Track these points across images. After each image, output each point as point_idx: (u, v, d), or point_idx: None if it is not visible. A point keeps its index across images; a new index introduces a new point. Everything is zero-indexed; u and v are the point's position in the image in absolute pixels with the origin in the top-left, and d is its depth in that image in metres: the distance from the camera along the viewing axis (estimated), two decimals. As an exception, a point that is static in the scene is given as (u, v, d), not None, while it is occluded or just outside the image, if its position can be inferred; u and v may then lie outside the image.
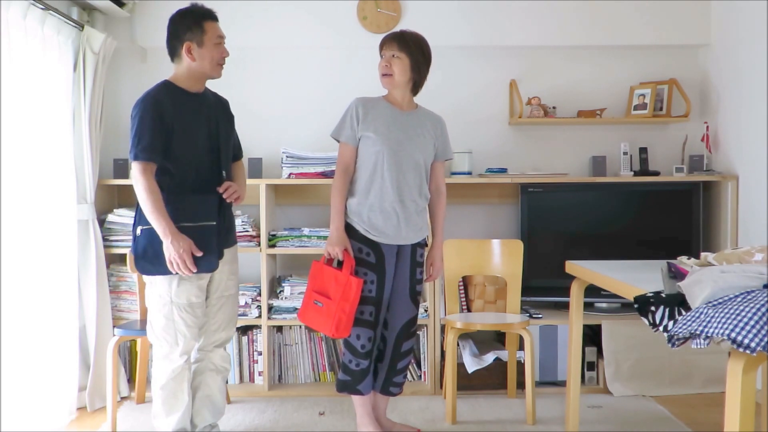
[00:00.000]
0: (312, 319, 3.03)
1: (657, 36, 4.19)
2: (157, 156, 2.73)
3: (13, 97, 3.01)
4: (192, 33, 2.78)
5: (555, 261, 3.66)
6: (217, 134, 2.91)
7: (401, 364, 3.12)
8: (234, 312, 3.08)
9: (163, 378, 2.85)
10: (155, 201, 2.69)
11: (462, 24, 4.15)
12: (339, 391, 3.09)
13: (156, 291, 2.82)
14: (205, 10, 2.85)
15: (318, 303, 2.98)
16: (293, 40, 4.15)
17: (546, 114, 4.13)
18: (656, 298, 1.95)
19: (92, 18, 3.91)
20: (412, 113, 3.10)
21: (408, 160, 3.02)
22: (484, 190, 4.27)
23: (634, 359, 3.83)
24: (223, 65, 2.88)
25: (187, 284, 2.81)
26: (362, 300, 2.95)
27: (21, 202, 3.08)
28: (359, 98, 3.07)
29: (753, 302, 1.66)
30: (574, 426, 3.03)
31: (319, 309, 2.97)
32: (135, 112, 2.75)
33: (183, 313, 2.82)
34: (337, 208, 3.00)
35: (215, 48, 2.81)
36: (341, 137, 3.05)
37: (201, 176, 2.84)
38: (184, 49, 2.78)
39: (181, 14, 2.82)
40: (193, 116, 2.83)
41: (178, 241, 2.68)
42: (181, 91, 2.82)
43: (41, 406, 3.19)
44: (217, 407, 3.05)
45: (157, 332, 2.85)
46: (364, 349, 3.00)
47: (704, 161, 4.13)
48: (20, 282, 3.05)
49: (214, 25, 2.83)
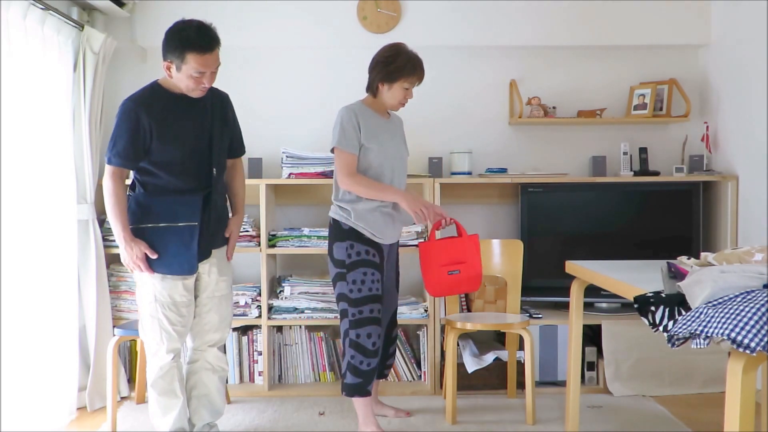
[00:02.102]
0: (453, 288, 3.29)
1: (657, 36, 4.19)
2: (129, 162, 2.77)
3: (13, 97, 3.01)
4: (173, 56, 2.68)
5: (555, 261, 3.66)
6: (209, 135, 2.86)
7: (392, 349, 3.41)
8: (228, 313, 3.06)
9: (153, 375, 2.88)
10: (116, 205, 2.76)
11: (462, 24, 4.15)
12: (349, 395, 3.13)
13: (143, 289, 2.86)
14: (196, 38, 2.65)
15: (455, 272, 3.23)
16: (293, 40, 4.15)
17: (546, 114, 4.13)
18: (656, 298, 1.95)
19: (92, 18, 3.91)
20: (391, 120, 3.29)
21: (400, 163, 3.25)
22: (484, 190, 4.27)
23: (634, 359, 3.83)
24: (203, 91, 2.77)
25: (170, 282, 2.82)
26: (370, 299, 3.09)
27: (21, 202, 3.08)
28: (350, 108, 3.15)
29: (753, 302, 1.66)
30: (574, 426, 3.03)
31: (457, 276, 3.24)
32: (117, 114, 2.76)
33: (167, 311, 2.83)
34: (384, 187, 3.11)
35: (191, 79, 2.70)
36: (347, 147, 3.09)
37: (186, 177, 2.83)
38: (164, 65, 2.73)
39: (173, 32, 2.70)
40: (177, 118, 2.79)
41: (131, 247, 2.75)
42: (167, 93, 2.79)
43: (41, 406, 3.19)
44: (214, 407, 3.05)
45: (145, 330, 2.88)
46: (374, 346, 3.09)
47: (704, 161, 4.13)
48: (20, 282, 3.05)
49: (199, 59, 2.66)
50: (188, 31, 2.67)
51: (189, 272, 2.84)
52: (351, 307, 3.08)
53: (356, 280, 3.08)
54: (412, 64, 3.11)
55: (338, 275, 3.13)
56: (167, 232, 2.78)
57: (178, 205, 2.80)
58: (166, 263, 2.79)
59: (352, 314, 3.08)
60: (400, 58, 3.10)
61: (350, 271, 3.09)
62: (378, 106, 3.20)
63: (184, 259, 2.80)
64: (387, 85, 3.13)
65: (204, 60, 2.68)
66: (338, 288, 3.14)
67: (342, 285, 3.11)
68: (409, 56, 3.12)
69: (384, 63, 3.11)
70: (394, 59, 3.10)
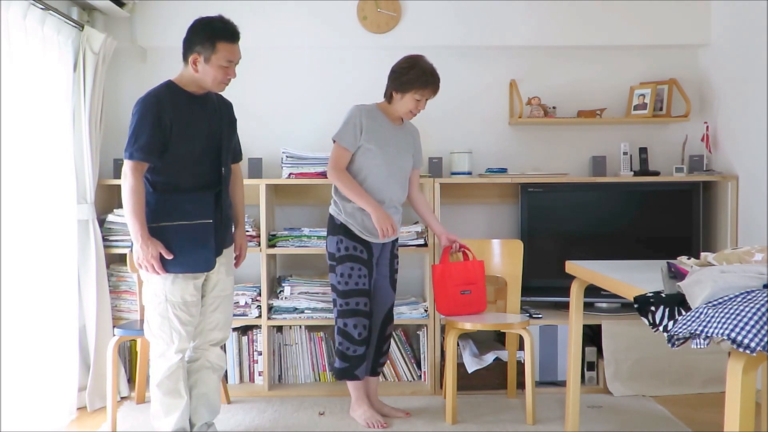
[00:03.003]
0: (463, 307, 3.50)
1: (657, 36, 4.19)
2: (152, 157, 2.74)
3: (13, 97, 3.01)
4: (202, 47, 2.75)
5: (555, 261, 3.66)
6: (219, 135, 2.91)
7: (386, 347, 3.46)
8: (231, 312, 3.10)
9: (159, 375, 2.87)
10: (136, 203, 2.72)
11: (462, 24, 4.15)
12: (338, 378, 3.35)
13: (152, 289, 2.85)
14: (226, 28, 2.78)
15: (466, 292, 3.51)
16: (293, 40, 4.15)
17: (546, 114, 4.13)
18: (656, 298, 1.95)
19: (92, 18, 3.91)
20: (402, 128, 3.39)
21: (398, 171, 3.33)
22: (484, 190, 4.27)
23: (634, 359, 3.83)
24: (227, 84, 2.85)
25: (182, 282, 2.82)
26: (357, 292, 3.26)
27: (21, 202, 3.07)
28: (361, 107, 3.26)
29: (753, 302, 1.66)
30: (574, 426, 3.03)
31: (468, 296, 3.51)
32: (135, 111, 2.76)
33: (177, 311, 2.83)
34: (361, 193, 3.20)
35: (220, 70, 2.77)
36: (343, 142, 3.23)
37: (199, 176, 2.85)
38: (191, 59, 2.78)
39: (201, 23, 2.79)
40: (194, 117, 2.83)
41: (147, 246, 2.72)
42: (183, 92, 2.83)
43: (41, 406, 3.19)
44: (213, 406, 3.06)
45: (153, 330, 2.87)
46: (360, 336, 3.26)
47: (704, 161, 4.13)
48: (20, 282, 3.05)
49: (229, 47, 2.77)
50: (216, 22, 2.79)
51: (207, 268, 2.86)
52: (339, 298, 3.28)
53: (344, 273, 3.25)
54: (425, 78, 3.21)
55: (330, 267, 3.34)
56: (181, 230, 2.78)
57: (191, 203, 2.81)
58: (181, 261, 2.78)
59: (340, 305, 3.28)
60: (414, 71, 3.21)
61: (339, 264, 3.27)
62: (391, 112, 3.32)
63: (201, 256, 2.82)
64: (399, 94, 3.25)
65: (233, 49, 2.79)
66: (330, 278, 3.35)
67: (332, 276, 3.31)
68: (424, 70, 3.22)
69: (399, 73, 3.24)
70: (408, 71, 3.22)
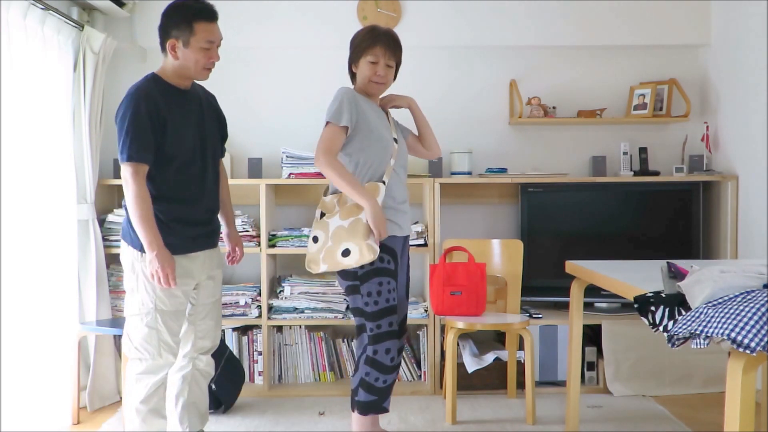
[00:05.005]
0: (454, 308, 3.47)
1: (657, 36, 4.19)
2: (150, 155, 2.53)
3: (13, 97, 3.01)
4: (179, 31, 2.55)
5: (555, 261, 3.67)
6: (204, 131, 2.74)
7: None
8: (219, 318, 2.93)
9: (143, 392, 2.61)
10: (145, 210, 2.49)
11: (462, 24, 4.15)
12: (362, 413, 2.86)
13: (138, 299, 2.60)
14: (201, 7, 2.59)
15: (456, 293, 3.45)
16: (293, 40, 4.15)
17: (546, 114, 4.13)
18: (656, 298, 1.95)
19: (92, 18, 3.91)
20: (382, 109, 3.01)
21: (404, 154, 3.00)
22: (484, 190, 4.27)
23: (634, 359, 3.83)
24: (211, 69, 2.65)
25: (173, 290, 2.61)
26: (388, 311, 2.79)
27: (21, 201, 3.08)
28: (349, 89, 2.89)
29: (753, 302, 1.66)
30: (574, 426, 3.03)
31: (459, 297, 3.46)
32: (124, 108, 2.52)
33: (168, 319, 2.62)
34: (355, 184, 2.73)
35: (201, 52, 2.57)
36: (342, 121, 2.76)
37: (188, 174, 2.67)
38: (168, 45, 2.57)
39: (173, 7, 2.59)
40: (182, 113, 2.65)
41: (164, 256, 2.51)
42: (168, 85, 2.63)
43: (41, 406, 3.19)
44: (202, 413, 2.93)
45: (137, 343, 2.61)
46: (393, 362, 2.81)
47: (704, 161, 4.13)
48: (20, 282, 3.05)
49: (207, 27, 2.58)
50: (190, 2, 2.60)
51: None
52: (369, 322, 2.80)
53: (371, 291, 2.77)
54: (372, 35, 2.85)
55: (350, 288, 2.83)
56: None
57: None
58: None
59: (371, 329, 2.79)
60: (361, 33, 2.90)
61: (364, 282, 2.78)
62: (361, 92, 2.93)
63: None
64: (356, 65, 2.90)
65: (212, 29, 2.60)
66: (352, 302, 2.86)
67: (356, 299, 2.82)
68: (372, 28, 2.89)
69: (351, 44, 2.92)
70: (356, 37, 2.91)
